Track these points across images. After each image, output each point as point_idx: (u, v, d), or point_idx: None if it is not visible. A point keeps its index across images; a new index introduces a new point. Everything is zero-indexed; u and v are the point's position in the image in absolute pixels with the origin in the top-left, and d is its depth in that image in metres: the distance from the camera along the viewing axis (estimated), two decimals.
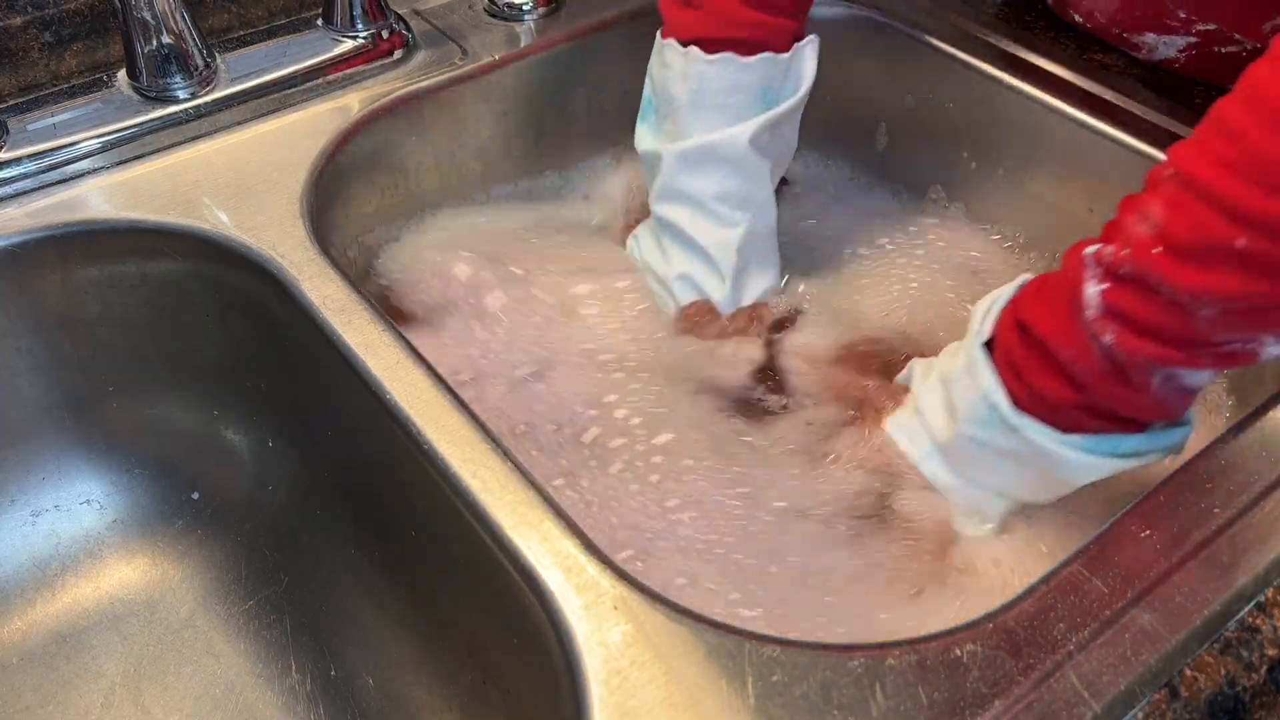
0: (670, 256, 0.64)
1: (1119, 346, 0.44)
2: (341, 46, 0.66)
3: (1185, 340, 0.42)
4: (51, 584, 0.60)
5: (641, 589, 0.40)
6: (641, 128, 0.63)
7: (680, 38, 0.59)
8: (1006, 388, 0.49)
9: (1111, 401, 0.46)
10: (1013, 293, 0.51)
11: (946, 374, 0.53)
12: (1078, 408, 0.47)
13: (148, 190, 0.58)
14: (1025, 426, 0.48)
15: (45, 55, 0.64)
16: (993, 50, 0.70)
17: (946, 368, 0.53)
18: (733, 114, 0.59)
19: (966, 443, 0.52)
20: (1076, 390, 0.46)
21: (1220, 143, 0.40)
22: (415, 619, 0.56)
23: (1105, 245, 0.44)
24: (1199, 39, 0.63)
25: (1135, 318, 0.43)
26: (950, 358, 0.54)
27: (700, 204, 0.61)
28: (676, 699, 0.37)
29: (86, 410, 0.61)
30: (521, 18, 0.71)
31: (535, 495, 0.43)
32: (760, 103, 0.60)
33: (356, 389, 0.49)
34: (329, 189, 0.61)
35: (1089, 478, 0.49)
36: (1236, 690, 0.39)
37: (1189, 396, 0.46)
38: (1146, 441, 0.48)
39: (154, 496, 0.63)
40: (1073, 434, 0.48)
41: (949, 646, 0.38)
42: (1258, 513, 0.43)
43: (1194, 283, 0.41)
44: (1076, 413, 0.47)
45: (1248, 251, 0.39)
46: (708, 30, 0.58)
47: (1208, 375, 0.45)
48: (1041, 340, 0.47)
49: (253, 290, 0.55)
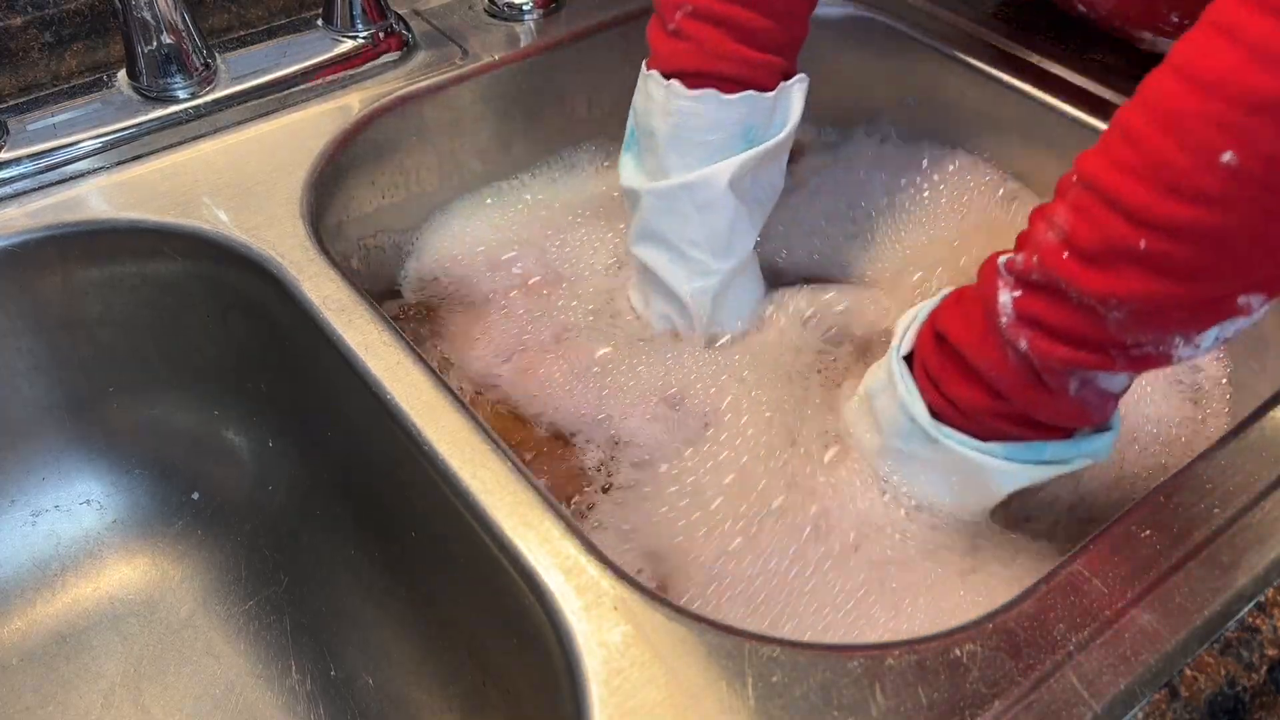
0: (648, 297, 0.63)
1: (1033, 352, 0.44)
2: (341, 46, 0.66)
3: (1097, 343, 0.43)
4: (51, 584, 0.60)
5: (642, 589, 0.40)
6: (625, 158, 0.62)
7: (664, 70, 0.57)
8: (926, 399, 0.49)
9: (1030, 407, 0.46)
10: (935, 305, 0.51)
11: (869, 388, 0.53)
12: (997, 415, 0.47)
13: (148, 190, 0.58)
14: (944, 436, 0.49)
15: (45, 55, 0.64)
16: (992, 50, 0.70)
17: (869, 382, 0.54)
18: (713, 151, 0.57)
19: (894, 454, 0.52)
20: (994, 398, 0.47)
21: (1121, 148, 0.41)
22: (415, 619, 0.56)
23: (1017, 253, 0.45)
24: None
25: (1047, 323, 0.44)
26: (874, 372, 0.54)
27: (677, 249, 0.60)
28: (676, 699, 0.37)
29: (86, 410, 0.61)
30: (521, 18, 0.71)
31: (535, 495, 0.43)
32: (742, 141, 0.58)
33: (356, 389, 0.49)
34: (329, 189, 0.61)
35: (1012, 486, 0.49)
36: (1236, 690, 0.39)
37: (1111, 400, 0.47)
38: (1069, 448, 0.48)
39: (154, 496, 0.63)
40: (993, 442, 0.48)
41: (948, 647, 0.38)
42: (1258, 513, 0.43)
43: (1100, 285, 0.41)
44: (996, 420, 0.47)
45: (1149, 253, 0.40)
46: (692, 63, 0.56)
47: (1124, 378, 0.46)
48: (957, 349, 0.47)
49: (253, 290, 0.55)
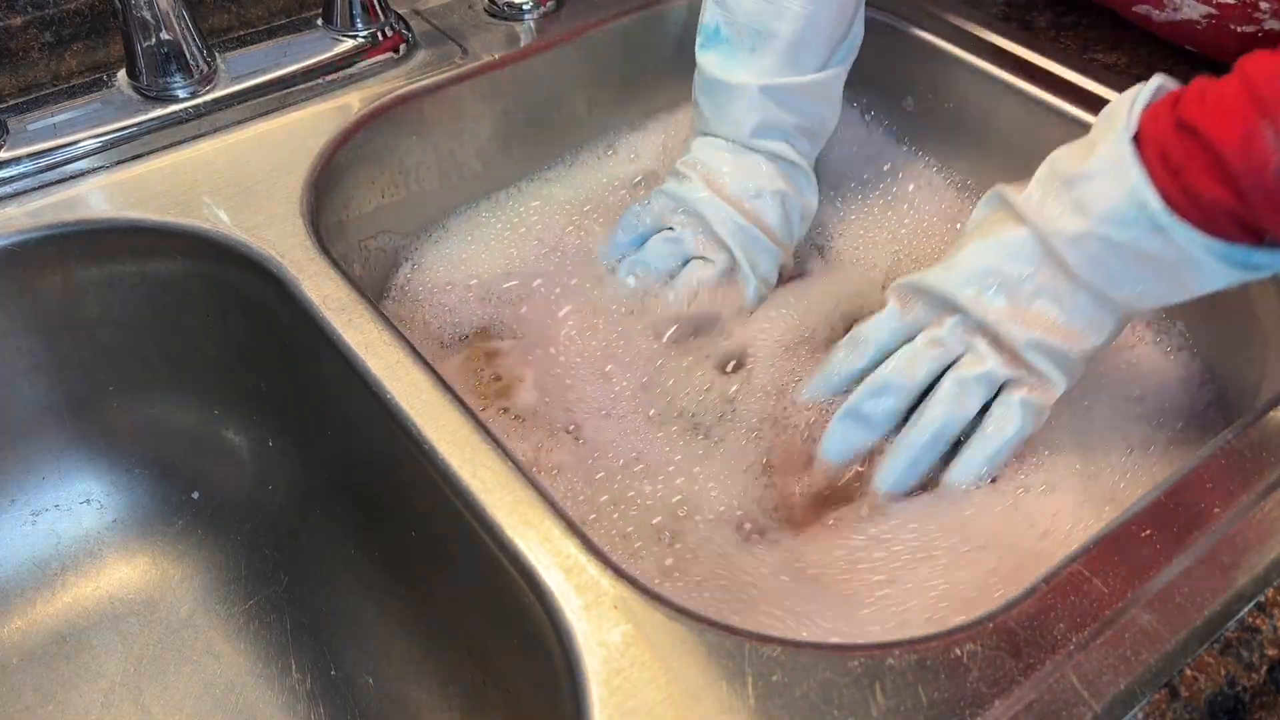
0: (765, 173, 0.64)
1: None
2: (341, 46, 0.66)
3: None
4: (51, 584, 0.60)
5: (642, 589, 0.40)
6: (710, 54, 0.64)
7: None
8: (1159, 187, 0.48)
9: (1271, 213, 0.46)
10: (1150, 95, 0.50)
11: (1073, 173, 0.51)
12: (1230, 215, 0.47)
13: (148, 190, 0.58)
14: (1174, 227, 0.48)
15: (45, 55, 0.64)
16: (993, 50, 0.70)
17: (1071, 168, 0.51)
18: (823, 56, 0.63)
19: (1097, 243, 0.50)
20: (1238, 197, 0.46)
21: None
22: (415, 619, 0.56)
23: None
24: (1218, 11, 0.62)
25: None
26: (1075, 159, 0.52)
27: (791, 137, 0.64)
28: (676, 699, 0.37)
29: (86, 410, 0.61)
30: (521, 18, 0.71)
31: (535, 495, 0.43)
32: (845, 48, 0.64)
33: (356, 389, 0.49)
34: (329, 189, 0.61)
35: (1217, 285, 0.49)
36: (1236, 690, 0.39)
37: None
38: (1270, 257, 0.48)
39: (154, 496, 0.63)
40: (1217, 239, 0.47)
41: (949, 646, 0.38)
42: (1258, 513, 0.43)
43: None
44: (1226, 219, 0.47)
45: None
46: None
47: None
48: (1212, 145, 0.46)
49: (253, 290, 0.55)
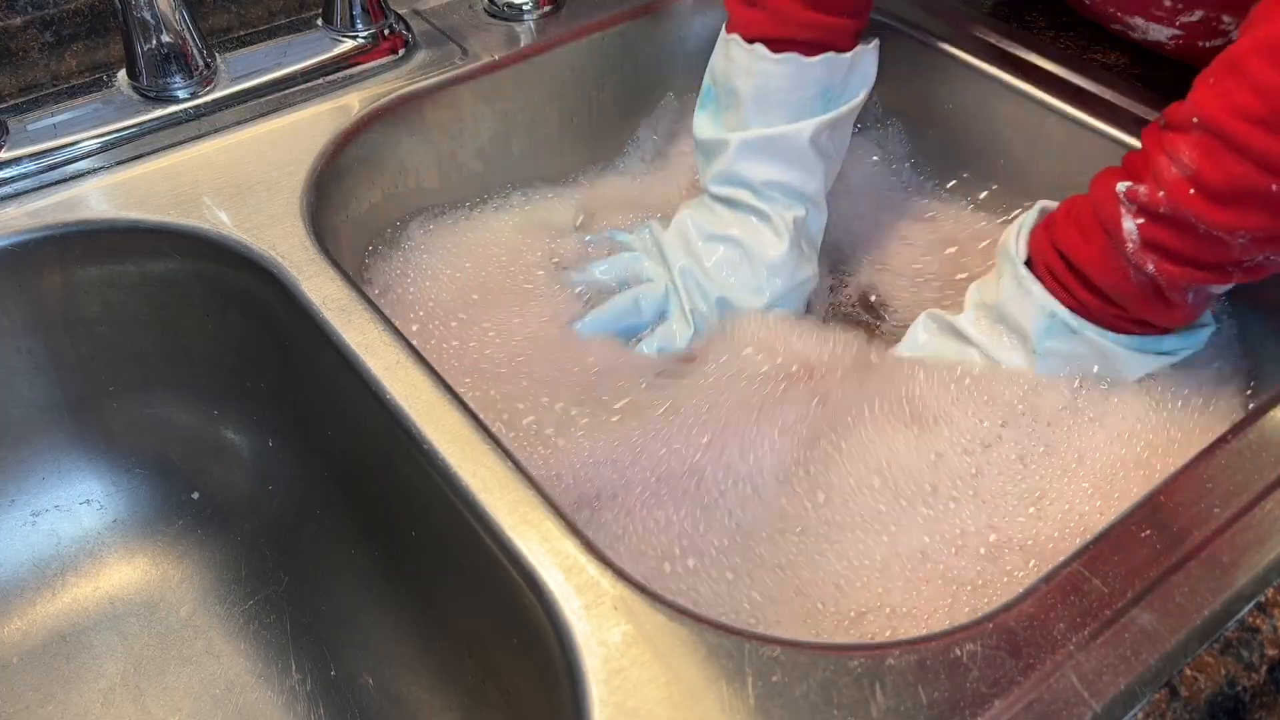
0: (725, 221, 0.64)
1: (1159, 274, 0.49)
2: (341, 46, 0.66)
3: (1219, 265, 0.48)
4: (51, 584, 0.60)
5: (642, 589, 0.40)
6: (701, 115, 0.65)
7: (745, 35, 0.60)
8: (1057, 298, 0.53)
9: (1148, 315, 0.52)
10: (1035, 219, 0.56)
11: (993, 303, 0.56)
12: (1117, 318, 0.53)
13: (148, 190, 0.58)
14: (1084, 328, 0.53)
15: (45, 55, 0.64)
16: (993, 50, 0.70)
17: (985, 299, 0.56)
18: (793, 110, 0.61)
19: (1044, 353, 0.54)
20: (1115, 306, 0.52)
21: (1243, 93, 0.45)
22: (415, 619, 0.56)
23: (1137, 184, 0.49)
24: (1184, 31, 0.63)
25: (1174, 250, 0.48)
26: (989, 291, 0.56)
27: (758, 190, 0.63)
28: (676, 699, 0.37)
29: (86, 410, 0.61)
30: (521, 18, 0.71)
31: (535, 495, 0.43)
32: (820, 101, 0.62)
33: (356, 389, 0.49)
34: (329, 189, 0.61)
35: (1140, 372, 0.54)
36: (1236, 690, 0.39)
37: (1214, 301, 0.53)
38: (1179, 341, 0.54)
39: (154, 496, 0.63)
40: (1122, 334, 0.53)
41: (949, 646, 0.38)
42: (1258, 513, 0.43)
43: (1229, 221, 0.46)
44: (1120, 320, 0.53)
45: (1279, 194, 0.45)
46: (773, 30, 0.60)
47: (1232, 284, 0.51)
48: (1076, 265, 0.52)
49: (253, 290, 0.55)
